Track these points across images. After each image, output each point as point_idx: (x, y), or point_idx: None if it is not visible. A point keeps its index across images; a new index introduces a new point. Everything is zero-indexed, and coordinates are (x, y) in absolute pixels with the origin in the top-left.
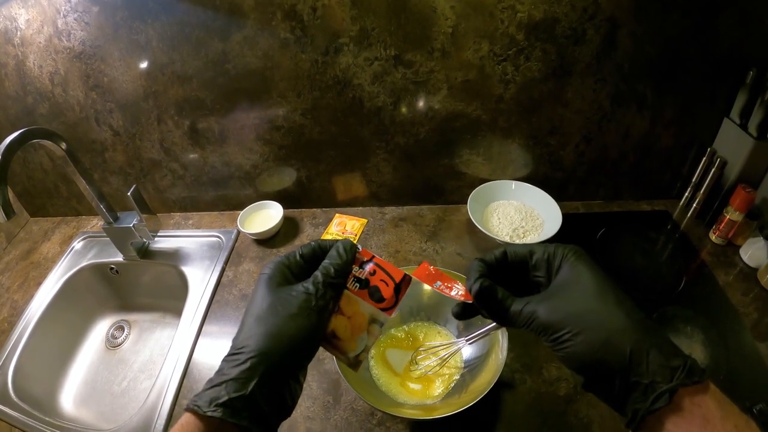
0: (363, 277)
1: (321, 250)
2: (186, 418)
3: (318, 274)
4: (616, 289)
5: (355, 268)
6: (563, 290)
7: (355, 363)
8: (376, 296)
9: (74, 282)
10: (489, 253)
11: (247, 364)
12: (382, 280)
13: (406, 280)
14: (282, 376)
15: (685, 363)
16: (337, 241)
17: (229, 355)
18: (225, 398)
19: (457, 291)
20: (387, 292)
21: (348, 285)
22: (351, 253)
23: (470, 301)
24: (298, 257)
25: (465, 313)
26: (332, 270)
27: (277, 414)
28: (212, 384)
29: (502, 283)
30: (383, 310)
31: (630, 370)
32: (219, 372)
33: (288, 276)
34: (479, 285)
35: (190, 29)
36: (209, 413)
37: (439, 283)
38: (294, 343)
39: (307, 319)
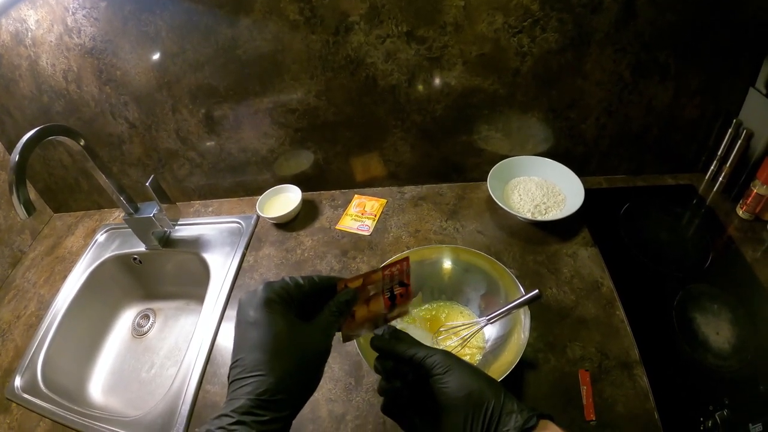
0: (396, 294)
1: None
2: None
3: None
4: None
5: (396, 281)
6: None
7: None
8: (393, 306)
9: (99, 274)
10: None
11: (281, 424)
12: (401, 294)
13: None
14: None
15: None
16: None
17: (260, 399)
18: None
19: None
20: (402, 301)
21: (383, 292)
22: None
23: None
24: (298, 290)
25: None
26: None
27: None
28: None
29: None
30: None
31: (502, 407)
32: (252, 413)
33: (293, 310)
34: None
35: (198, 17)
36: None
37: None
38: (316, 385)
39: (324, 357)
